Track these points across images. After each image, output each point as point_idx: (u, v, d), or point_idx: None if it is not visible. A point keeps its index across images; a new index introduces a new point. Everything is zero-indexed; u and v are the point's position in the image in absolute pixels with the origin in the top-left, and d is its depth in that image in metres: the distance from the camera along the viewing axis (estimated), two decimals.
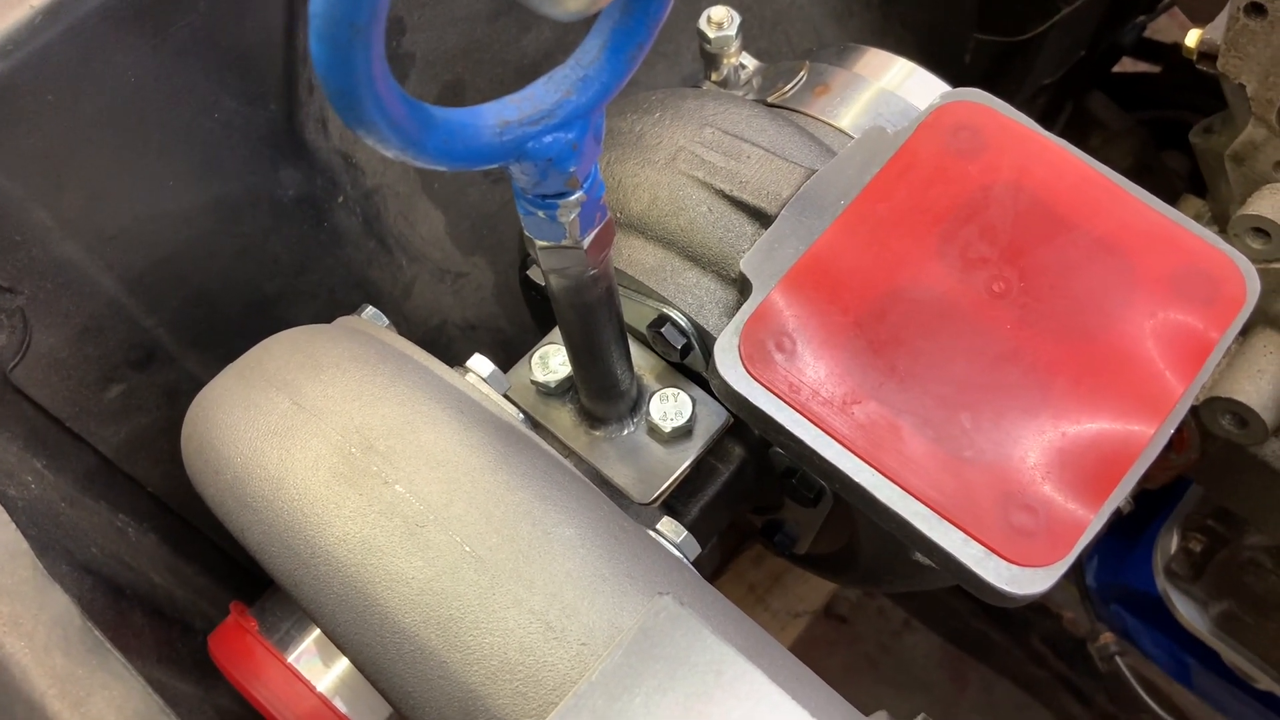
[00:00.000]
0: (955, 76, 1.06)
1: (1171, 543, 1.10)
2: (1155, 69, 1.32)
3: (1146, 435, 0.53)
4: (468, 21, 0.80)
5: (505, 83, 0.86)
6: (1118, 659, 1.21)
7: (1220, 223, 0.87)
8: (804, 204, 0.58)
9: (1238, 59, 0.74)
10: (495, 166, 0.40)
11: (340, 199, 0.77)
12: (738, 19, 0.72)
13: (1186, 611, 1.08)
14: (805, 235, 0.57)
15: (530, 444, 0.54)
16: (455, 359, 0.62)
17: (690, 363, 0.63)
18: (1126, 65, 1.33)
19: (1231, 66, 0.75)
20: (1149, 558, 1.10)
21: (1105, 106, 1.31)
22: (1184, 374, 0.54)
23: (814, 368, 0.54)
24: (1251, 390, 0.75)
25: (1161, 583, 1.09)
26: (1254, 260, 0.75)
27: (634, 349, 0.63)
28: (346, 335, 0.57)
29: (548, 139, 0.40)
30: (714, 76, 0.75)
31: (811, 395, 0.53)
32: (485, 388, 0.60)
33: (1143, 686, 1.20)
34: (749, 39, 1.01)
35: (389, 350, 0.56)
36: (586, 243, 0.45)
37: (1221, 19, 0.75)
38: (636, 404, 0.63)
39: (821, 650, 1.47)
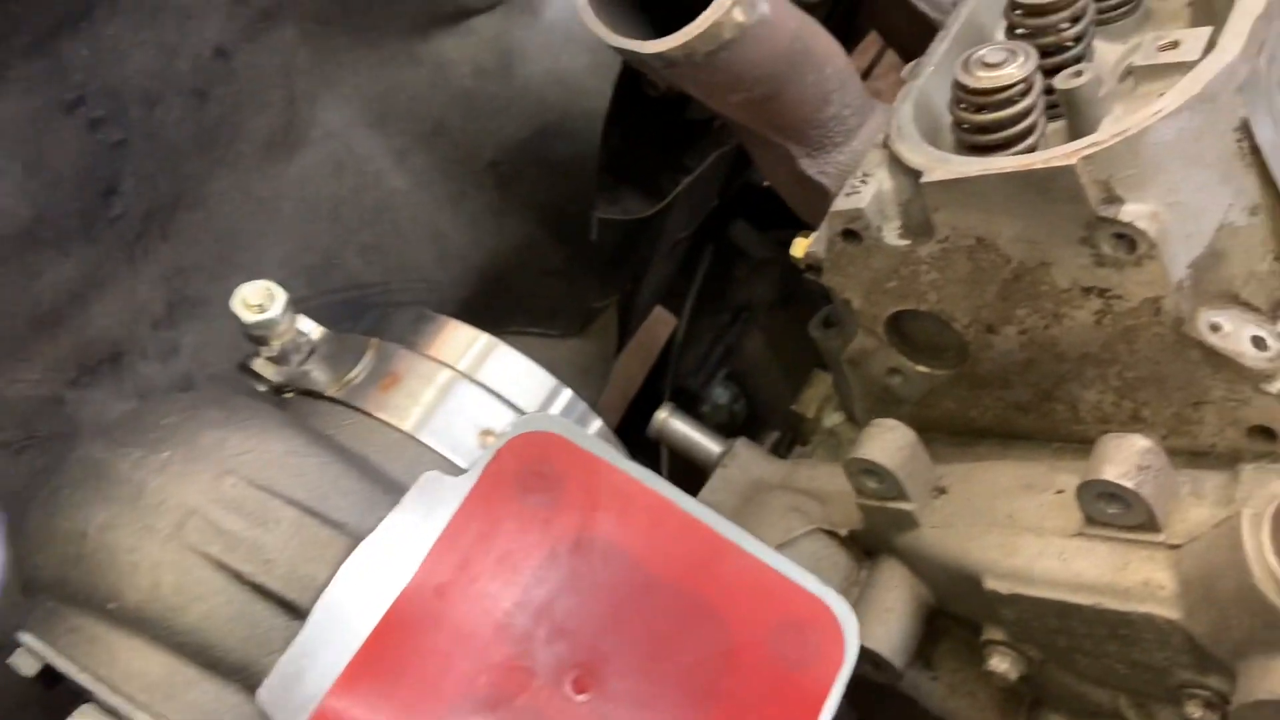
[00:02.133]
0: (582, 254, 0.99)
1: None
2: None
3: None
4: None
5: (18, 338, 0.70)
6: None
7: (845, 406, 0.85)
8: (342, 595, 0.47)
9: (841, 277, 0.71)
10: None
11: None
12: (281, 298, 0.60)
13: None
14: (343, 644, 0.46)
15: None
16: None
17: None
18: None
19: (836, 283, 0.72)
20: None
21: (746, 235, 1.30)
22: None
23: None
24: (882, 635, 0.72)
25: None
26: (870, 499, 0.72)
27: None
28: None
29: None
30: (265, 353, 0.63)
31: None
32: None
33: None
34: (348, 231, 0.89)
35: None
36: None
37: (824, 235, 0.72)
38: None
39: None
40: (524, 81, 0.86)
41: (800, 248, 0.75)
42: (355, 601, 0.47)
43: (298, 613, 0.48)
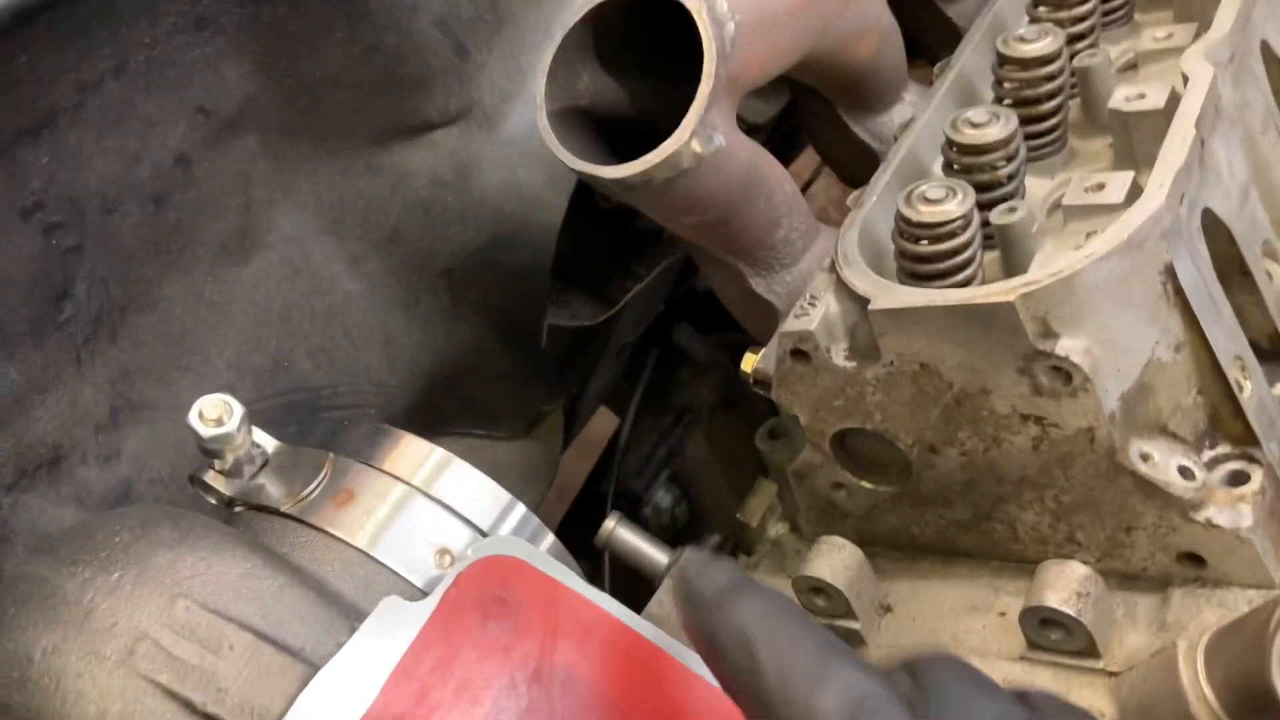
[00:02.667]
0: (531, 359, 1.00)
1: None
2: None
3: None
4: None
5: None
6: None
7: (789, 516, 0.87)
8: None
9: (789, 394, 0.73)
10: None
11: None
12: (238, 411, 0.60)
13: None
14: None
15: None
16: None
17: None
18: None
19: (784, 400, 0.74)
20: None
21: (691, 338, 1.32)
22: None
23: None
24: None
25: None
26: (818, 616, 0.73)
27: None
28: None
29: None
30: (218, 466, 0.62)
31: None
32: None
33: None
34: (299, 335, 0.89)
35: None
36: None
37: (773, 353, 0.74)
38: None
39: None
40: (480, 193, 0.88)
41: (749, 363, 0.77)
42: None
43: None
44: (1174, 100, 0.70)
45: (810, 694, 0.41)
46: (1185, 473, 0.63)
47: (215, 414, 0.59)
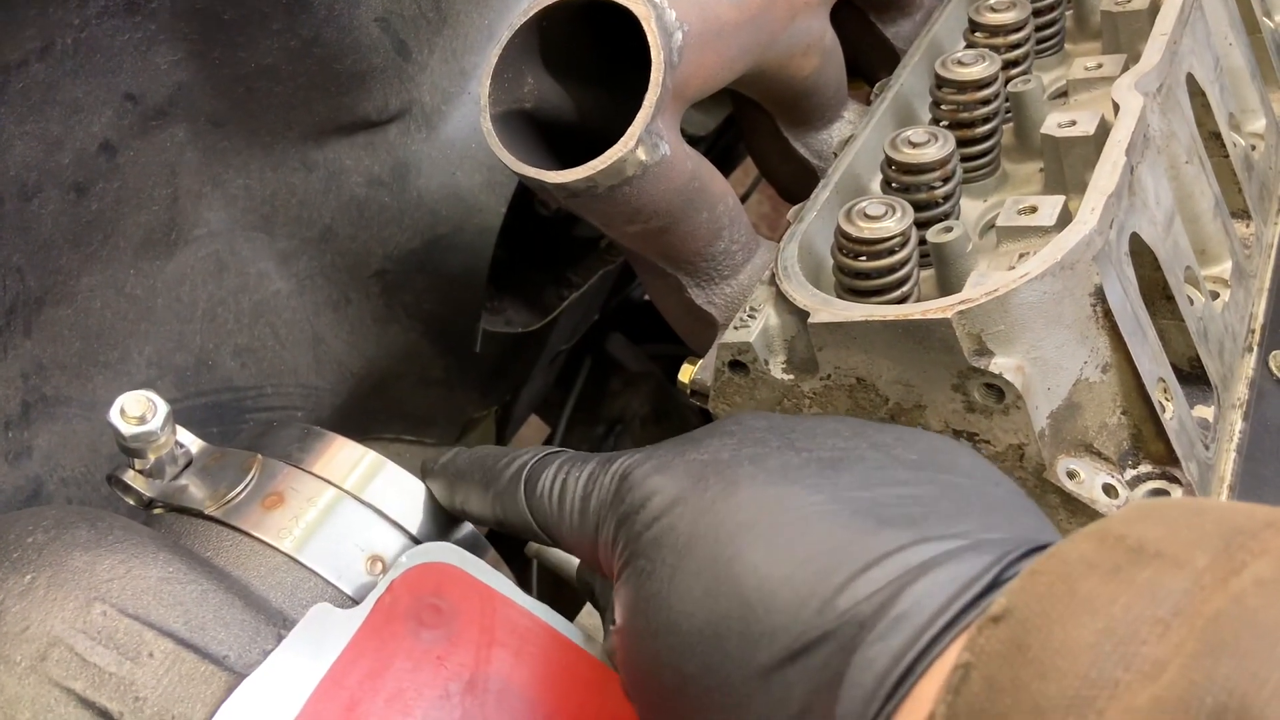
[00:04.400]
0: (464, 364, 0.99)
1: None
2: None
3: None
4: None
5: None
6: None
7: None
8: None
9: (726, 405, 0.73)
10: None
11: None
12: (162, 409, 0.57)
13: None
14: None
15: None
16: None
17: None
18: None
19: (720, 411, 0.74)
20: None
21: (623, 348, 1.32)
22: None
23: None
24: None
25: None
26: None
27: None
28: None
29: None
30: (139, 465, 0.60)
31: None
32: None
33: None
34: (224, 333, 0.87)
35: None
36: None
37: (711, 364, 0.74)
38: None
39: None
40: (417, 194, 0.87)
41: (687, 374, 0.77)
42: None
43: None
44: (1104, 128, 0.72)
45: (500, 459, 0.58)
46: (1109, 490, 0.64)
47: (138, 411, 0.56)
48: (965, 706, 0.35)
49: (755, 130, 0.91)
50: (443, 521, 0.62)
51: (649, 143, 0.66)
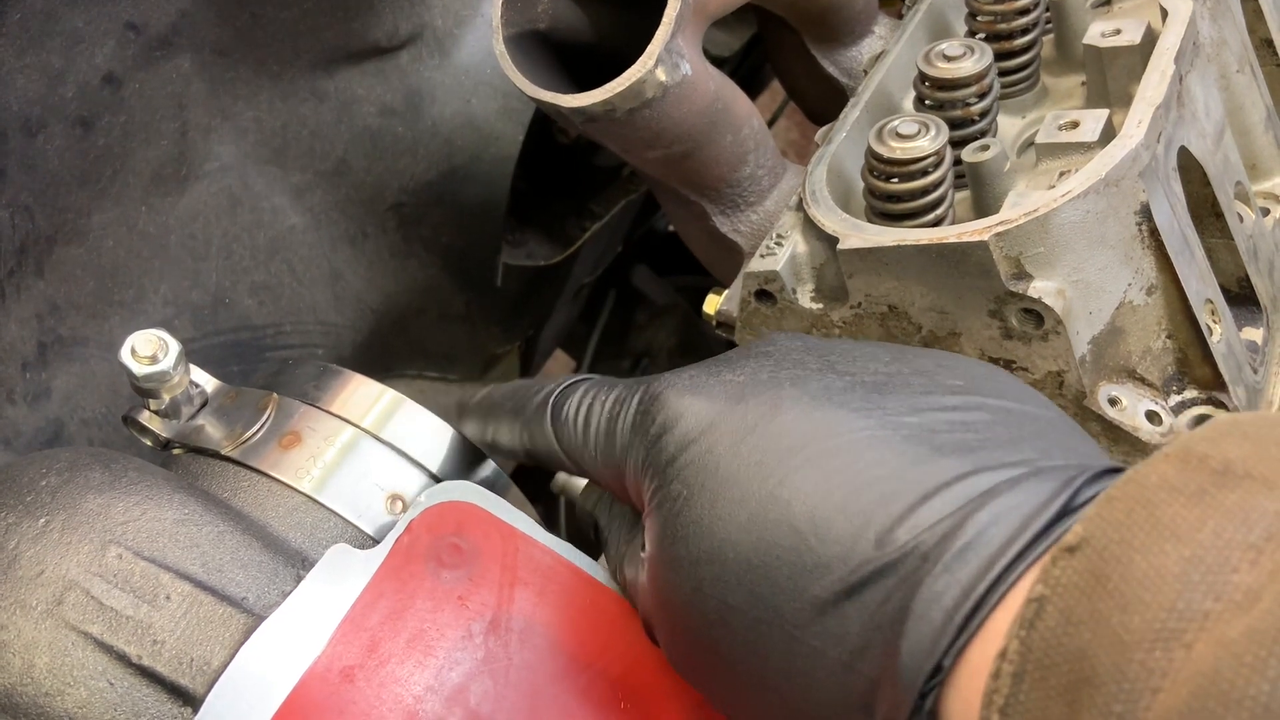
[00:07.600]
0: (485, 299, 0.97)
1: None
2: None
3: None
4: None
5: None
6: None
7: None
8: (239, 681, 0.44)
9: (752, 336, 0.71)
10: None
11: None
12: (174, 348, 0.56)
13: None
14: None
15: None
16: None
17: None
18: None
19: (746, 341, 0.72)
20: None
21: (649, 280, 1.30)
22: None
23: None
24: None
25: None
26: None
27: None
28: None
29: None
30: (153, 406, 0.59)
31: None
32: None
33: None
34: (240, 270, 0.85)
35: None
36: None
37: (737, 294, 0.72)
38: None
39: None
40: (432, 123, 0.84)
41: (712, 304, 0.75)
42: (253, 687, 0.44)
43: (189, 699, 0.45)
44: (1150, 36, 0.68)
45: (531, 389, 0.58)
46: (1153, 417, 0.62)
47: (149, 350, 0.55)
48: (1041, 641, 0.33)
49: (781, 48, 0.87)
50: (464, 460, 0.60)
51: (669, 62, 0.63)
